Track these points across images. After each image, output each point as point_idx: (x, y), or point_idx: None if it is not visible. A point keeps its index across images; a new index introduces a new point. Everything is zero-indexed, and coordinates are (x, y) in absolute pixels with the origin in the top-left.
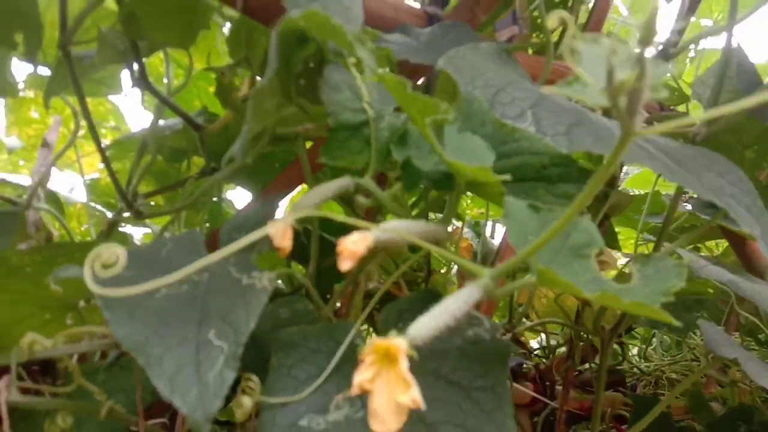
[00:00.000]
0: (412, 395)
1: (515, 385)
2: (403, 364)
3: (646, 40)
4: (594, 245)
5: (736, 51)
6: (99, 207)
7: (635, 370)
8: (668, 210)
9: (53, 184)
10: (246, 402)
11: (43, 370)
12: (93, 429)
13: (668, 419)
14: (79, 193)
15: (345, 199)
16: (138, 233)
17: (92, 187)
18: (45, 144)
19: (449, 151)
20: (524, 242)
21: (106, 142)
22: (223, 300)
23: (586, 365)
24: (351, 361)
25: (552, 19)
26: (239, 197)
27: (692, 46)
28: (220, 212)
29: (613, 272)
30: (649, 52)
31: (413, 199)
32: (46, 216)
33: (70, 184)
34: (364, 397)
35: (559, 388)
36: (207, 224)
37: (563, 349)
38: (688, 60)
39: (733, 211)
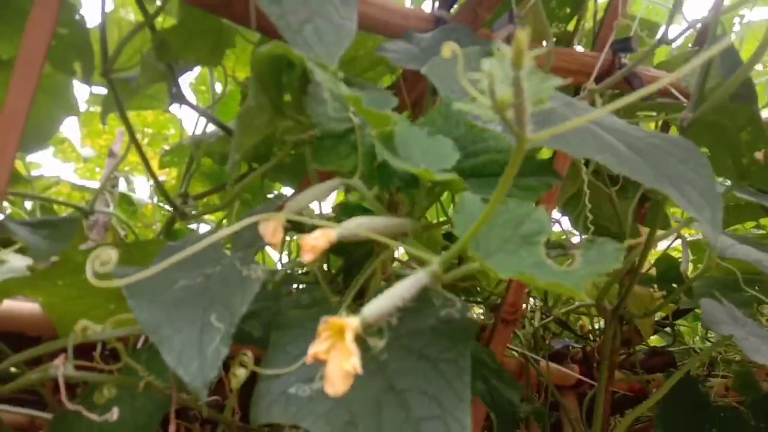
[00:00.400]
0: (353, 363)
1: (559, 366)
2: (349, 338)
3: (518, 63)
4: (544, 233)
5: (721, 36)
6: (168, 207)
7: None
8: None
9: (137, 187)
10: (240, 372)
11: (113, 353)
12: (143, 402)
13: (696, 393)
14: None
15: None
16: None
17: (158, 189)
18: (111, 154)
19: (418, 154)
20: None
21: (167, 148)
22: (226, 288)
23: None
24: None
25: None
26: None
27: (736, 19)
28: None
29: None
30: (526, 72)
31: None
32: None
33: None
34: None
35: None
36: None
37: None
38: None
39: (686, 196)
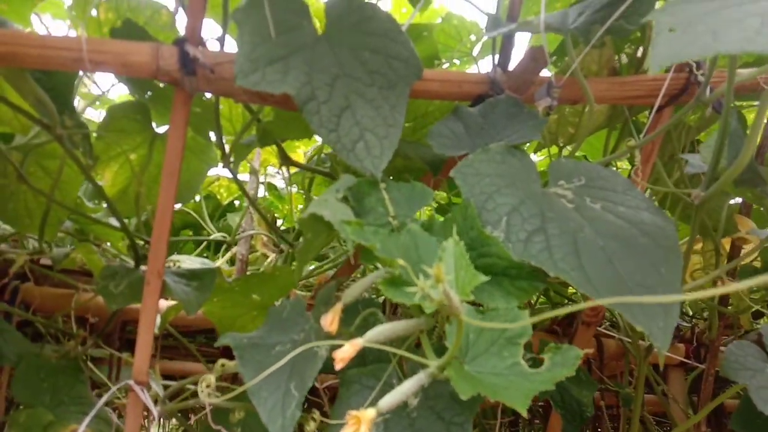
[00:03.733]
0: None
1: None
2: (363, 429)
3: (439, 279)
4: (526, 335)
5: (733, 115)
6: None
7: None
8: None
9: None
10: (311, 427)
11: None
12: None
13: None
14: None
15: None
16: None
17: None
18: (252, 171)
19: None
20: (466, 339)
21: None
22: (302, 361)
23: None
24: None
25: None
26: None
27: None
28: None
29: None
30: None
31: None
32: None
33: None
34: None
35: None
36: None
37: None
38: None
39: (642, 309)
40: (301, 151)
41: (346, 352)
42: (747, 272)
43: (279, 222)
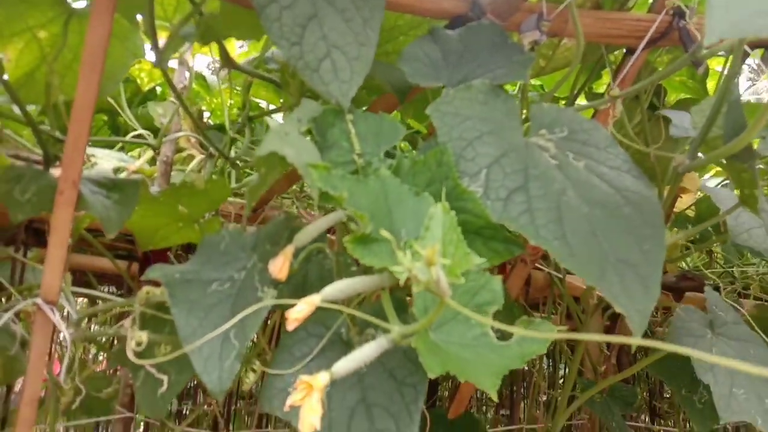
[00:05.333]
0: (313, 421)
1: (580, 284)
2: (315, 397)
3: (431, 263)
4: (495, 303)
5: (734, 87)
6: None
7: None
8: None
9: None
10: (250, 378)
11: None
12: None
13: None
14: None
15: None
16: None
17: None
18: (182, 62)
19: (402, 217)
20: (432, 303)
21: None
22: (243, 305)
23: None
24: (335, 345)
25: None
26: None
27: None
28: None
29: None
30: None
31: None
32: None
33: None
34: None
35: None
36: None
37: None
38: None
39: (622, 285)
40: (238, 44)
41: (301, 311)
42: (681, 221)
43: (206, 115)
